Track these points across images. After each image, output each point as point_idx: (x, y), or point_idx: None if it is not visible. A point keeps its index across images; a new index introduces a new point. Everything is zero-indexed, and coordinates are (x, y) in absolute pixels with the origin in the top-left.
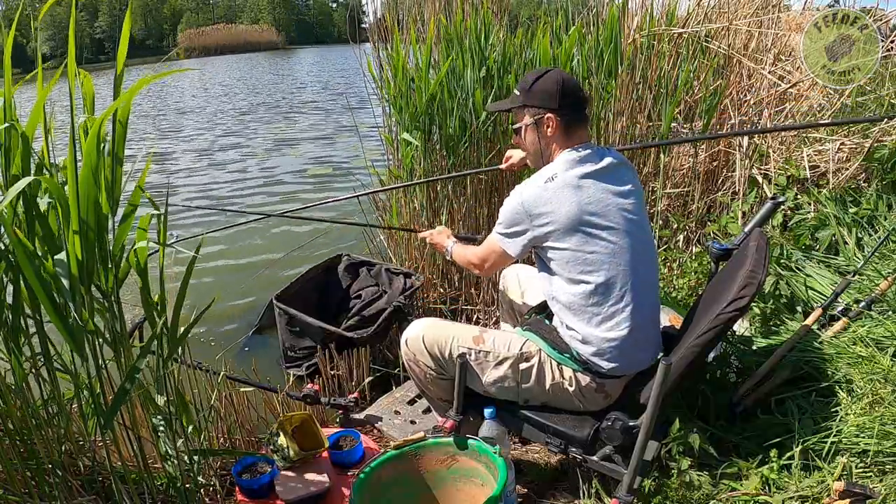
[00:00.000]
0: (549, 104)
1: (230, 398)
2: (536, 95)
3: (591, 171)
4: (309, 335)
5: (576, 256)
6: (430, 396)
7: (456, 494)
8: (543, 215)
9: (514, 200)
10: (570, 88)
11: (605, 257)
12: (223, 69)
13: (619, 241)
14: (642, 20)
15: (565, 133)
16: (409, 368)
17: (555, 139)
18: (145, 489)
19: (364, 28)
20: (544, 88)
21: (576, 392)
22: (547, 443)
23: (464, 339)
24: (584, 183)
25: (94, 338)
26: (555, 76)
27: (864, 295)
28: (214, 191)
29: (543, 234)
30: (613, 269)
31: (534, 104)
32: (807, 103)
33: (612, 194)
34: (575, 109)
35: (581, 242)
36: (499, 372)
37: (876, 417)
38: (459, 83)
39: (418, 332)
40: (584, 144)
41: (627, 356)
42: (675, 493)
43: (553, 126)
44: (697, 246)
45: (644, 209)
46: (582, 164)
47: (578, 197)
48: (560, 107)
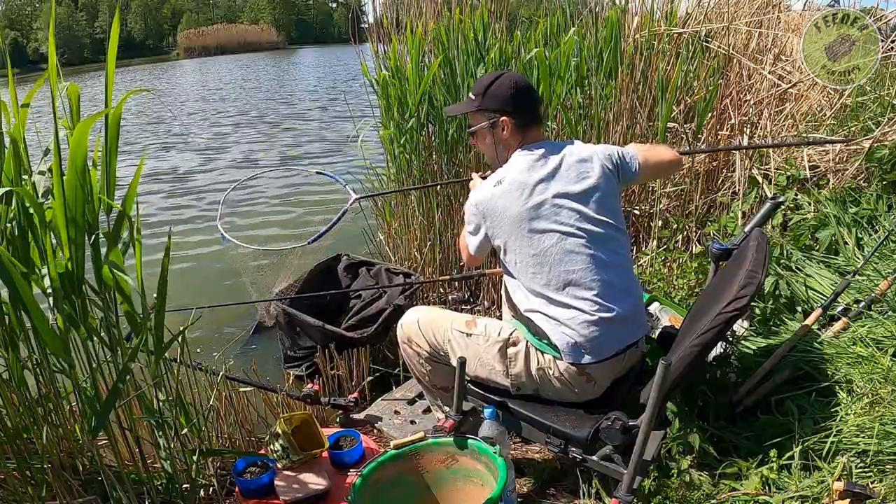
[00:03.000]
0: (504, 107)
1: (230, 398)
2: (491, 99)
3: (543, 174)
4: (309, 335)
5: (525, 258)
6: (424, 384)
7: (456, 494)
8: (492, 217)
9: (470, 201)
10: (523, 91)
11: (556, 257)
12: (224, 69)
13: (568, 240)
14: (642, 20)
15: (520, 134)
16: (404, 351)
17: (510, 141)
18: (144, 489)
19: (364, 28)
20: (498, 92)
21: (560, 378)
22: (547, 443)
23: (457, 323)
24: (532, 186)
25: (89, 339)
26: (508, 80)
27: (864, 295)
28: (215, 187)
29: (493, 235)
30: (566, 266)
31: (488, 107)
32: (807, 103)
33: (560, 195)
34: (528, 111)
35: (528, 245)
36: (488, 354)
37: (876, 417)
38: (455, 82)
39: (414, 315)
40: (538, 143)
41: (596, 341)
42: (675, 493)
43: (508, 128)
44: (697, 246)
45: (613, 196)
46: (534, 164)
47: (523, 201)
48: (514, 110)
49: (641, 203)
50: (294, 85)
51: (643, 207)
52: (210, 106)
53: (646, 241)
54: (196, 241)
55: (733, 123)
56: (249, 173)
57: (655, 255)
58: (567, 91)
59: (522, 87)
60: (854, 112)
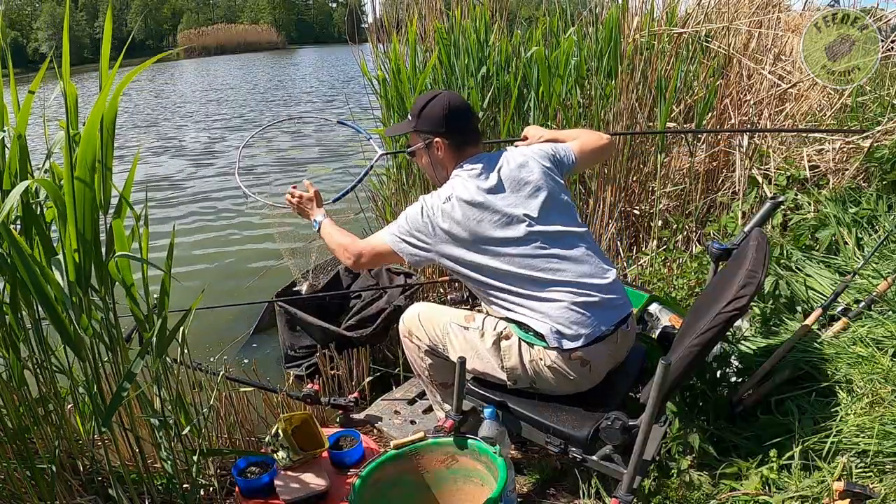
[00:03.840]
0: (437, 128)
1: (230, 398)
2: (425, 121)
3: (487, 186)
4: (309, 335)
5: (488, 270)
6: (424, 379)
7: (456, 494)
8: (440, 233)
9: (416, 210)
10: (455, 112)
11: (519, 263)
12: (223, 69)
13: (527, 247)
14: (642, 20)
15: (455, 153)
16: (405, 345)
17: (445, 161)
18: (145, 489)
19: (364, 28)
20: (431, 114)
21: (552, 367)
22: (547, 442)
23: (456, 318)
24: (479, 199)
25: (92, 339)
26: (441, 101)
27: (864, 295)
28: (218, 184)
29: (443, 252)
30: (533, 271)
31: (423, 129)
32: (807, 103)
33: (505, 204)
34: (462, 131)
35: (490, 258)
36: (484, 347)
37: (876, 417)
38: (456, 83)
39: (416, 310)
40: (475, 158)
41: (581, 324)
42: (675, 493)
43: (442, 149)
44: (697, 246)
45: (558, 190)
46: (476, 179)
47: (469, 218)
48: (447, 131)
49: (641, 203)
50: (293, 86)
51: (643, 207)
52: (205, 108)
53: (646, 241)
54: (195, 241)
55: (733, 123)
56: (250, 173)
57: (655, 255)
58: (567, 91)
59: (455, 108)
60: (854, 112)
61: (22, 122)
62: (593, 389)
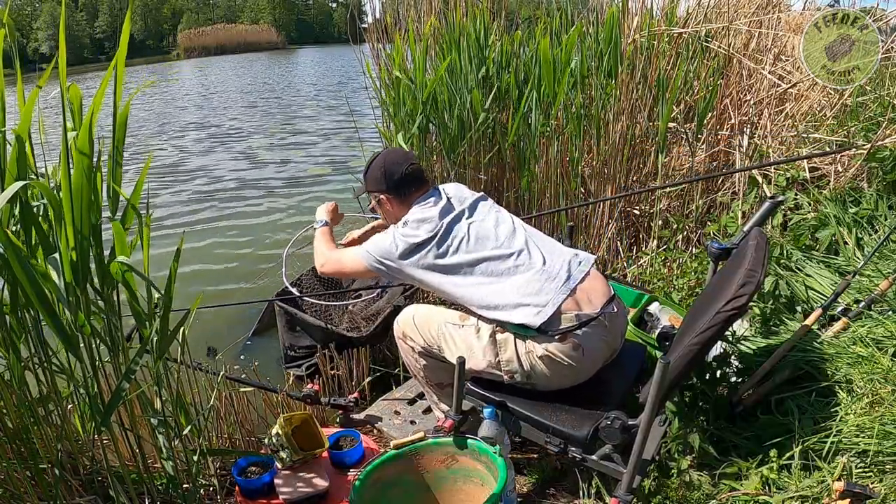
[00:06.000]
0: (380, 187)
1: (230, 398)
2: (370, 182)
3: (439, 209)
4: (309, 335)
5: (454, 285)
6: (419, 379)
7: (456, 494)
8: (400, 260)
9: (388, 241)
10: (391, 169)
11: (480, 271)
12: (225, 69)
13: (484, 252)
14: (642, 20)
15: (403, 202)
16: (400, 347)
17: (396, 210)
18: (145, 489)
19: (364, 28)
20: (373, 176)
21: (545, 356)
22: (546, 442)
23: (451, 317)
24: (434, 219)
25: (91, 338)
26: (378, 162)
27: (864, 295)
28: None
29: (408, 274)
30: (498, 276)
31: (372, 189)
32: (807, 103)
33: (456, 218)
34: (401, 184)
35: (457, 273)
36: (480, 343)
37: (876, 417)
38: (457, 84)
39: (410, 312)
40: (423, 196)
41: (561, 305)
42: (675, 493)
43: (390, 203)
44: (697, 246)
45: (492, 206)
46: (429, 207)
47: (431, 235)
48: (388, 188)
49: (641, 203)
50: (293, 88)
51: (643, 207)
52: (202, 110)
53: (646, 241)
54: (195, 241)
55: (733, 123)
56: (245, 170)
57: (655, 255)
58: (567, 90)
59: (391, 164)
60: (854, 112)
61: (24, 122)
62: (593, 389)
